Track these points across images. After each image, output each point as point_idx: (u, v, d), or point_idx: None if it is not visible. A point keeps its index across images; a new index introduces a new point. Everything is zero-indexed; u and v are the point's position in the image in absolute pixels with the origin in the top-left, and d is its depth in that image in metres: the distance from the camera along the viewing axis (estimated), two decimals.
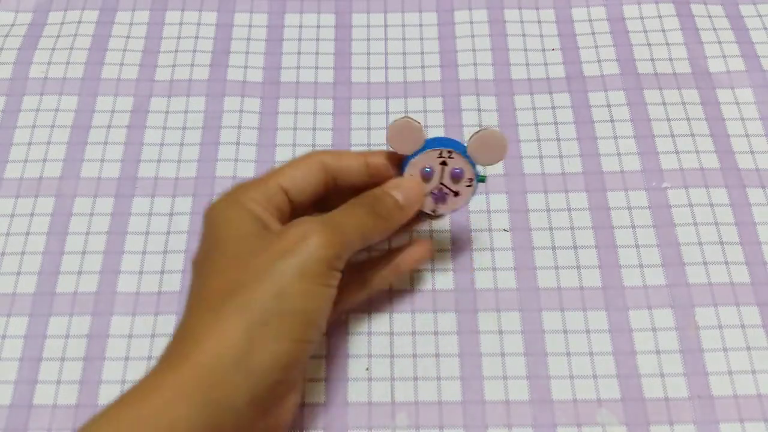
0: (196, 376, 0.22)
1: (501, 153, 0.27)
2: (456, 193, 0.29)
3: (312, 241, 0.24)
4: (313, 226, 0.25)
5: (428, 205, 0.30)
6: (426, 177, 0.28)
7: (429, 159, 0.28)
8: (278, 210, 0.27)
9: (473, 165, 0.28)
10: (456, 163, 0.28)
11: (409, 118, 0.27)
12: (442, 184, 0.29)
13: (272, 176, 0.27)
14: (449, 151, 0.27)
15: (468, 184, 0.29)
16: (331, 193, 0.29)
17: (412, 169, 0.28)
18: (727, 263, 0.34)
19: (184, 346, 0.23)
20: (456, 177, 0.28)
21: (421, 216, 0.31)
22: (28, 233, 0.35)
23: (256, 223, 0.25)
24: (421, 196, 0.28)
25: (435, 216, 0.31)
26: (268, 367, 0.23)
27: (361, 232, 0.27)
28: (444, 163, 0.28)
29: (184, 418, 0.21)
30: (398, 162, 0.29)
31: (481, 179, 0.29)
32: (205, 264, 0.25)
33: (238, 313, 0.23)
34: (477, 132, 0.27)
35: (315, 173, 0.28)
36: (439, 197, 0.29)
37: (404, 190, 0.28)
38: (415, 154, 0.28)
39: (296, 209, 0.28)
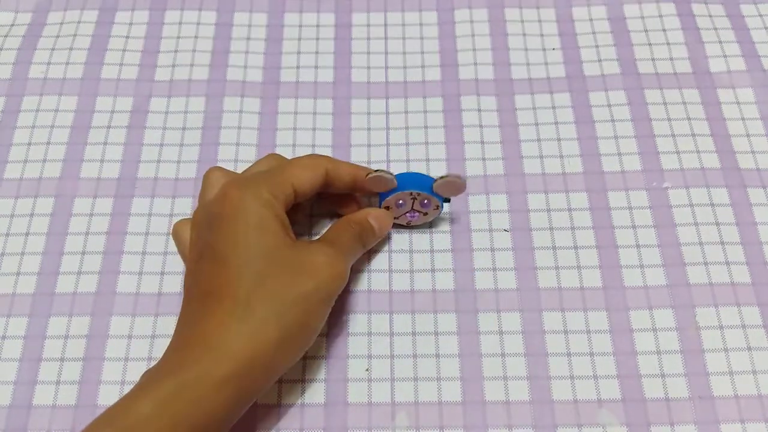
0: (236, 373, 0.26)
1: (461, 191, 0.32)
2: (425, 214, 0.34)
3: (336, 274, 0.29)
4: (337, 259, 0.29)
5: (403, 221, 0.35)
6: (399, 207, 0.34)
7: (401, 195, 0.33)
8: (287, 207, 0.30)
9: (437, 196, 0.33)
10: (423, 197, 0.33)
11: (381, 171, 0.32)
12: (413, 209, 0.34)
13: (287, 176, 0.30)
14: (418, 193, 0.33)
15: (435, 208, 0.34)
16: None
17: (389, 203, 0.33)
18: (728, 263, 0.34)
19: (222, 338, 0.26)
20: (424, 207, 0.34)
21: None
22: (27, 234, 0.35)
23: (283, 229, 0.29)
24: (390, 225, 0.34)
25: (410, 227, 0.36)
26: (283, 369, 0.28)
27: (354, 257, 0.32)
28: (414, 197, 0.33)
29: (223, 400, 0.25)
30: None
31: (446, 201, 0.34)
32: (235, 253, 0.27)
33: (274, 322, 0.27)
34: (442, 178, 0.32)
35: (319, 179, 0.31)
36: (412, 216, 0.34)
37: (379, 220, 0.33)
38: (391, 192, 0.33)
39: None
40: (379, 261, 0.35)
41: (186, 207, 0.36)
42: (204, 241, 0.28)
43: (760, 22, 0.42)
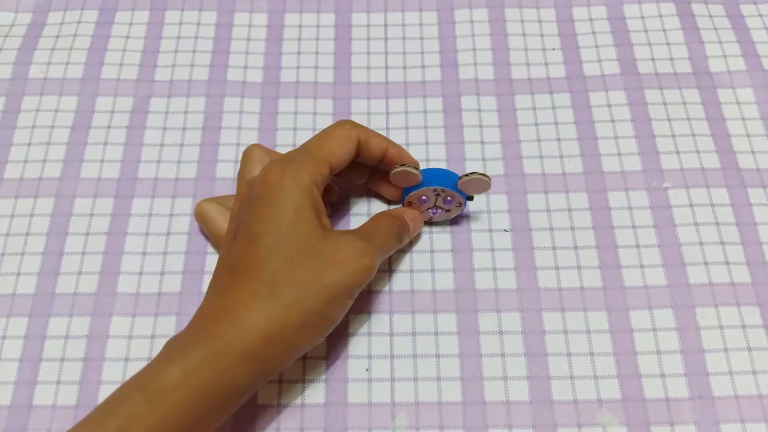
0: (255, 349, 0.27)
1: (485, 189, 0.33)
2: (448, 210, 0.34)
3: (361, 268, 0.28)
4: (366, 253, 0.29)
5: (425, 217, 0.35)
6: (423, 203, 0.34)
7: (425, 191, 0.33)
8: (325, 184, 0.31)
9: (461, 193, 0.33)
10: (447, 194, 0.33)
11: (407, 166, 0.31)
12: (436, 205, 0.34)
13: (325, 155, 0.30)
14: (442, 189, 0.32)
15: (458, 205, 0.34)
16: None
17: (412, 198, 0.33)
18: (727, 263, 0.34)
19: (246, 314, 0.27)
20: (447, 204, 0.34)
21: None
22: (27, 234, 0.35)
23: (317, 218, 0.29)
24: (420, 228, 0.35)
25: (431, 222, 0.36)
26: (300, 351, 0.29)
27: (388, 252, 0.32)
28: (438, 194, 0.33)
29: (243, 373, 0.27)
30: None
31: (470, 198, 0.34)
32: (267, 236, 0.28)
33: (296, 307, 0.27)
34: (467, 175, 0.32)
35: (352, 151, 0.31)
36: (434, 212, 0.34)
37: (414, 221, 0.34)
38: (415, 188, 0.33)
39: None
40: None
41: (186, 207, 0.36)
42: (242, 219, 0.29)
43: (760, 22, 0.42)
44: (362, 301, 0.33)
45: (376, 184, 0.36)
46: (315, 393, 0.31)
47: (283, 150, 0.38)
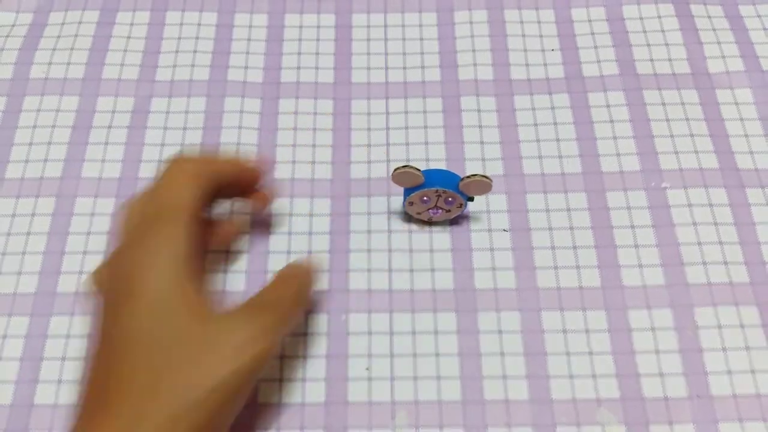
0: None
1: (487, 191, 0.32)
2: (448, 211, 0.34)
3: (259, 353, 0.24)
4: (265, 333, 0.25)
5: (425, 217, 0.35)
6: (423, 203, 0.34)
7: (427, 192, 0.33)
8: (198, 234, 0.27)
9: (462, 194, 0.33)
10: (448, 195, 0.33)
11: (409, 167, 0.31)
12: (437, 206, 0.34)
13: (187, 214, 0.26)
14: (443, 190, 0.33)
15: (458, 206, 0.34)
16: None
17: (413, 198, 0.33)
18: (726, 263, 0.34)
19: None
20: (448, 204, 0.34)
21: None
22: (29, 233, 0.35)
23: (194, 295, 0.25)
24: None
25: (431, 222, 0.36)
26: None
27: (295, 319, 0.28)
28: (439, 195, 0.33)
29: None
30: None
31: (470, 199, 0.34)
32: (134, 345, 0.23)
33: (182, 421, 0.23)
34: (468, 177, 0.32)
35: (210, 190, 0.28)
36: (435, 213, 0.35)
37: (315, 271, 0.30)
38: (416, 188, 0.33)
39: None
40: (379, 260, 0.35)
41: None
42: (102, 327, 0.25)
43: (758, 23, 0.42)
44: (362, 301, 0.34)
45: (243, 197, 0.32)
46: (315, 392, 0.31)
47: (281, 150, 0.38)
